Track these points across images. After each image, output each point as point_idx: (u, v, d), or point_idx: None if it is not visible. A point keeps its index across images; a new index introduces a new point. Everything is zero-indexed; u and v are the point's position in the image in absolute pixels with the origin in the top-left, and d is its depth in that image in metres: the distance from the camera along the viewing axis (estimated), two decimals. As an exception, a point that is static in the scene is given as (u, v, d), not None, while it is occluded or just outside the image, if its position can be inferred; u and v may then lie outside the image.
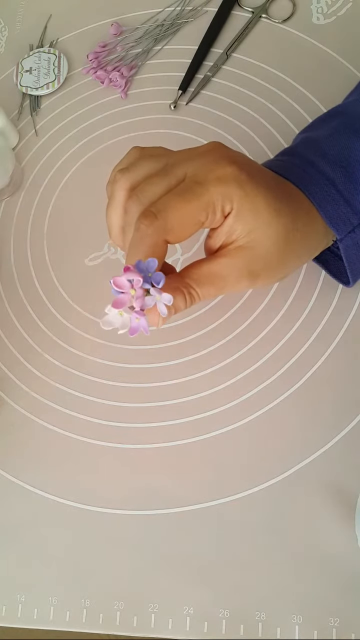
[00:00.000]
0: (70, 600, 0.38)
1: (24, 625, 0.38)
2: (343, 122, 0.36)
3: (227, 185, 0.30)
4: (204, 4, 0.53)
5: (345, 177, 0.33)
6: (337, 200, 0.33)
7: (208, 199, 0.30)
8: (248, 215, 0.31)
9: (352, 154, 0.34)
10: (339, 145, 0.34)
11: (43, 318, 0.45)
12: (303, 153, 0.35)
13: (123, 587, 0.38)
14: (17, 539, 0.40)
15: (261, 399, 0.40)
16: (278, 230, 0.31)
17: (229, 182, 0.30)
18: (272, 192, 0.31)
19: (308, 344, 0.41)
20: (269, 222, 0.31)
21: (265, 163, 0.36)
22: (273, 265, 0.33)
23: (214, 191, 0.30)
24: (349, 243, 0.34)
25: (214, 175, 0.30)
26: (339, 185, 0.33)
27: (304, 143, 0.36)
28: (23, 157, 0.51)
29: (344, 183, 0.33)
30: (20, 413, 0.43)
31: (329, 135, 0.35)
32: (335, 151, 0.34)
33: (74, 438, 0.42)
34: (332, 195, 0.33)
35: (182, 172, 0.31)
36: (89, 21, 0.54)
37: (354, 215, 0.33)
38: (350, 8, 0.50)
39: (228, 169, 0.30)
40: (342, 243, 0.34)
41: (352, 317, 0.41)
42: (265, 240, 0.31)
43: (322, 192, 0.33)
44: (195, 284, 0.32)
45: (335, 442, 0.38)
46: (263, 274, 0.33)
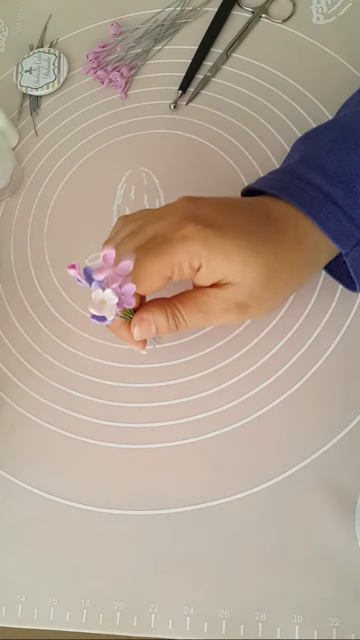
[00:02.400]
0: (70, 600, 0.38)
1: (24, 625, 0.38)
2: (340, 135, 0.36)
3: (191, 243, 0.31)
4: (204, 4, 0.53)
5: (345, 192, 0.33)
6: (338, 216, 0.33)
7: (173, 257, 0.31)
8: (219, 263, 0.32)
9: (351, 168, 0.34)
10: (337, 160, 0.34)
11: (43, 318, 0.45)
12: (301, 172, 0.35)
13: (123, 587, 0.38)
14: (17, 539, 0.40)
15: (261, 399, 0.40)
16: (258, 267, 0.32)
17: (194, 240, 0.31)
18: (245, 234, 0.32)
19: (308, 344, 0.41)
20: (246, 263, 0.32)
21: (262, 179, 0.37)
22: (261, 298, 0.33)
23: (179, 250, 0.31)
24: (355, 256, 0.34)
25: (179, 234, 0.31)
26: (340, 201, 0.33)
27: (302, 161, 0.36)
28: (23, 157, 0.51)
29: (344, 198, 0.33)
30: (20, 413, 0.43)
31: (326, 151, 0.35)
32: (334, 167, 0.34)
33: (74, 438, 0.42)
34: (334, 212, 0.33)
35: (151, 231, 0.33)
36: (89, 21, 0.54)
37: (357, 229, 0.33)
38: (350, 8, 0.50)
39: (191, 227, 0.31)
40: (348, 257, 0.34)
41: (352, 317, 0.41)
42: (246, 279, 0.32)
43: (323, 211, 0.33)
44: (181, 306, 0.33)
45: (335, 442, 0.38)
46: (252, 306, 0.33)
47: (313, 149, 0.36)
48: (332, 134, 0.36)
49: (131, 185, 0.48)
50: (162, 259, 0.31)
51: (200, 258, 0.31)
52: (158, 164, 0.48)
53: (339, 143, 0.35)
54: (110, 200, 0.48)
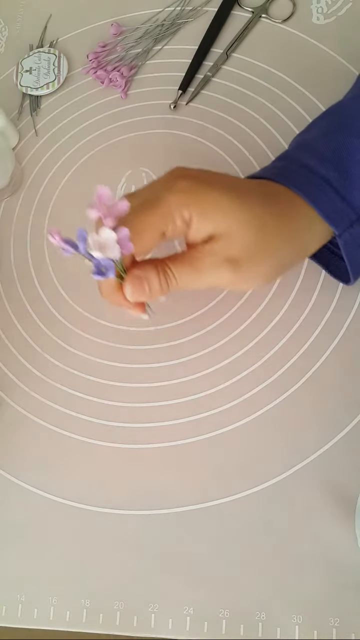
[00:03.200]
0: (70, 600, 0.38)
1: (24, 625, 0.38)
2: (334, 120, 0.36)
3: (181, 194, 0.32)
4: (204, 4, 0.53)
5: (340, 174, 0.34)
6: (332, 197, 0.33)
7: (164, 210, 0.32)
8: (209, 214, 0.32)
9: (345, 151, 0.34)
10: (331, 143, 0.35)
11: (43, 318, 0.45)
12: (296, 156, 0.35)
13: (123, 587, 0.38)
14: (17, 538, 0.40)
15: (261, 399, 0.40)
16: (247, 218, 0.32)
17: (183, 191, 0.32)
18: (232, 189, 0.33)
19: (308, 344, 0.41)
20: (233, 214, 0.32)
21: (261, 171, 0.37)
22: (253, 252, 0.33)
23: (169, 200, 0.32)
24: (348, 238, 0.34)
25: (168, 188, 0.32)
26: (334, 183, 0.33)
27: (297, 146, 0.37)
28: (23, 157, 0.51)
29: (339, 180, 0.33)
30: (20, 413, 0.43)
31: (321, 135, 0.36)
32: (328, 150, 0.34)
33: (74, 438, 0.42)
34: (328, 193, 0.33)
35: (145, 192, 0.33)
36: (89, 21, 0.54)
37: (352, 210, 0.34)
38: (350, 8, 0.50)
39: (182, 182, 0.32)
40: (341, 239, 0.34)
41: (352, 317, 0.41)
42: (236, 229, 0.32)
43: (317, 191, 0.33)
44: (172, 263, 0.33)
45: (335, 442, 0.38)
46: (243, 262, 0.33)
47: (308, 136, 0.37)
48: (326, 120, 0.37)
49: (131, 185, 0.48)
50: (155, 212, 0.32)
51: (190, 208, 0.32)
52: (158, 164, 0.48)
53: (333, 128, 0.36)
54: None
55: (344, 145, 0.34)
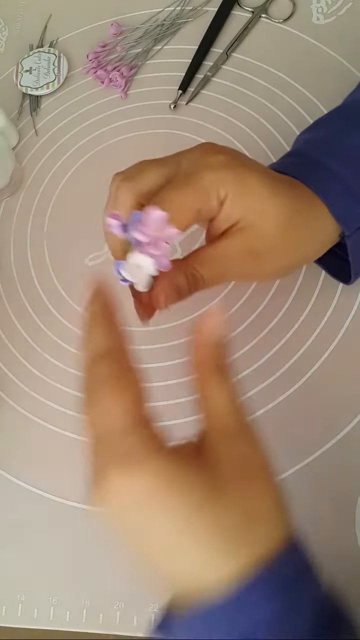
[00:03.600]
0: (70, 600, 0.38)
1: (24, 625, 0.38)
2: (347, 120, 0.36)
3: (218, 171, 0.30)
4: (204, 4, 0.53)
5: (354, 174, 0.33)
6: (345, 197, 0.33)
7: (202, 186, 0.30)
8: (243, 196, 0.31)
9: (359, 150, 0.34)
10: (345, 143, 0.34)
11: (43, 318, 0.45)
12: (309, 153, 0.35)
13: (123, 587, 0.38)
14: (17, 538, 0.40)
15: (261, 399, 0.40)
16: (277, 208, 0.31)
17: (221, 168, 0.31)
18: (267, 175, 0.32)
19: (308, 344, 0.41)
20: (266, 200, 0.31)
21: (270, 166, 0.36)
22: (275, 245, 0.32)
23: (207, 178, 0.30)
24: (357, 239, 0.34)
25: (205, 164, 0.31)
26: (348, 182, 0.33)
27: (309, 143, 0.36)
28: (23, 157, 0.51)
29: (353, 179, 0.33)
30: (20, 413, 0.43)
31: (334, 134, 0.35)
32: (342, 149, 0.34)
33: (74, 438, 0.42)
34: (341, 192, 0.33)
35: (174, 161, 0.32)
36: (89, 21, 0.54)
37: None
38: (350, 8, 0.50)
39: (219, 156, 0.31)
40: (349, 240, 0.34)
41: (352, 317, 0.41)
42: (264, 218, 0.31)
43: (331, 189, 0.33)
44: (199, 265, 0.32)
45: (335, 442, 0.38)
46: (267, 254, 0.32)
47: (321, 134, 0.36)
48: (340, 118, 0.37)
49: (131, 185, 0.48)
50: (192, 191, 0.30)
51: (227, 186, 0.30)
52: (158, 164, 0.48)
53: (347, 126, 0.35)
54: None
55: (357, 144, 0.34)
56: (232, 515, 0.23)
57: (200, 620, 0.23)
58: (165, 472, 0.23)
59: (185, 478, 0.23)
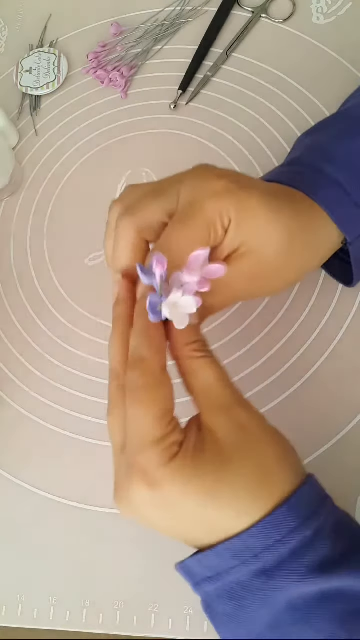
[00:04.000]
0: (70, 600, 0.38)
1: (24, 625, 0.38)
2: (348, 125, 0.36)
3: (220, 199, 0.30)
4: (204, 4, 0.53)
5: (354, 180, 0.33)
6: (347, 203, 0.33)
7: (207, 218, 0.30)
8: (246, 221, 0.30)
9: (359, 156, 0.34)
10: (345, 149, 0.34)
11: (43, 318, 0.45)
12: (309, 161, 0.35)
13: (123, 587, 0.38)
14: (17, 538, 0.40)
15: (261, 399, 0.40)
16: (278, 233, 0.31)
17: (222, 195, 0.30)
18: (268, 194, 0.31)
19: (308, 344, 0.41)
20: (270, 221, 0.31)
21: (269, 174, 0.36)
22: (279, 267, 0.32)
23: (210, 208, 0.30)
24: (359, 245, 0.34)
25: (206, 192, 0.30)
26: (348, 188, 0.33)
27: (309, 150, 0.36)
28: (23, 157, 0.51)
29: (353, 185, 0.33)
30: (20, 413, 0.43)
31: (334, 140, 0.35)
32: (342, 155, 0.34)
33: (74, 438, 0.42)
34: (342, 199, 0.33)
35: (174, 189, 0.31)
36: (89, 21, 0.54)
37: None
38: (350, 8, 0.50)
39: (219, 183, 0.30)
40: (352, 246, 0.34)
41: (352, 317, 0.41)
42: (268, 241, 0.31)
43: (332, 197, 0.33)
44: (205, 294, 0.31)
45: (335, 442, 0.38)
46: (272, 275, 0.32)
47: (320, 140, 0.36)
48: (340, 124, 0.37)
49: (131, 185, 0.48)
50: (199, 224, 0.30)
51: (230, 213, 0.30)
52: (158, 164, 0.48)
53: (347, 132, 0.35)
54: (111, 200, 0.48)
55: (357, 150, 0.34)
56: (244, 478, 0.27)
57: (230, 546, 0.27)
58: (181, 476, 0.27)
59: (196, 470, 0.27)
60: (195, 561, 0.29)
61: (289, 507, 0.27)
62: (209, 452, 0.27)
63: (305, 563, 0.27)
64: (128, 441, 0.28)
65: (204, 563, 0.29)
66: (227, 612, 0.29)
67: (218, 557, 0.28)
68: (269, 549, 0.27)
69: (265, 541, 0.27)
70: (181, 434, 0.28)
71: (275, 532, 0.27)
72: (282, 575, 0.27)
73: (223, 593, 0.28)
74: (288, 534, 0.27)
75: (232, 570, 0.27)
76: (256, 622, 0.28)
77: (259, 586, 0.27)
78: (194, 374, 0.29)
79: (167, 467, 0.27)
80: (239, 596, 0.28)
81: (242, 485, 0.27)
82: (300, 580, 0.26)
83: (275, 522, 0.27)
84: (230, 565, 0.28)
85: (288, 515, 0.27)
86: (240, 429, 0.28)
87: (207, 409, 0.29)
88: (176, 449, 0.27)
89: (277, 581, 0.27)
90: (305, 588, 0.27)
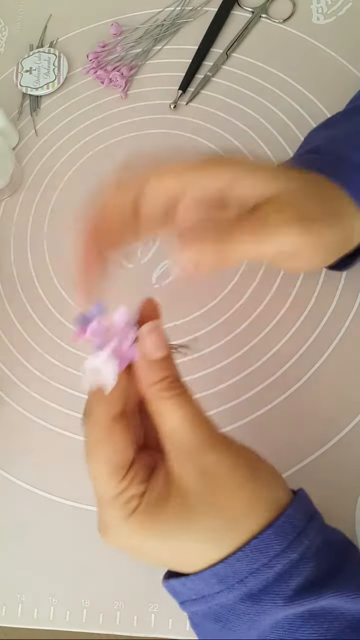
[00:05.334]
0: (70, 600, 0.38)
1: (24, 625, 0.38)
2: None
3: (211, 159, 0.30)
4: (204, 4, 0.53)
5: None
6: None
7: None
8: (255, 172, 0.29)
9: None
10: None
11: (43, 318, 0.45)
12: (331, 149, 0.34)
13: (123, 587, 0.38)
14: (17, 538, 0.40)
15: (261, 399, 0.40)
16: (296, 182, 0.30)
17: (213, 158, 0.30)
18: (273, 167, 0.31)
19: (308, 344, 0.41)
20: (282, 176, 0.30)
21: (289, 161, 0.36)
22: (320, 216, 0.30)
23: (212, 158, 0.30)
24: None
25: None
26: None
27: (329, 141, 0.35)
28: (23, 157, 0.51)
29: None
30: (20, 413, 0.43)
31: (355, 130, 0.35)
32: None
33: (74, 438, 0.42)
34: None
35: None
36: (89, 21, 0.54)
37: None
38: (350, 8, 0.50)
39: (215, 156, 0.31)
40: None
41: (352, 317, 0.41)
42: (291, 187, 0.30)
43: (355, 180, 0.32)
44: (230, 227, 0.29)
45: (335, 442, 0.38)
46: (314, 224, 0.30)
47: (339, 131, 0.36)
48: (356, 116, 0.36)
49: (131, 185, 0.48)
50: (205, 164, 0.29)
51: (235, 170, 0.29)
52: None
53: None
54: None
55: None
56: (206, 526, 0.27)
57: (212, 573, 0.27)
58: (141, 530, 0.27)
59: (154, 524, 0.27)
60: (179, 583, 0.28)
61: (274, 530, 0.27)
62: (173, 499, 0.27)
63: (291, 586, 0.26)
64: (97, 493, 0.28)
65: (188, 586, 0.28)
66: (215, 631, 0.28)
67: (203, 582, 0.27)
68: (254, 572, 0.26)
69: (251, 565, 0.26)
70: (141, 485, 0.27)
71: (262, 555, 0.26)
72: (268, 599, 0.26)
73: (209, 614, 0.28)
74: (274, 557, 0.26)
75: (217, 595, 0.27)
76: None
77: (245, 610, 0.27)
78: (160, 416, 0.28)
79: (127, 523, 0.27)
80: (225, 618, 0.27)
81: (203, 533, 0.27)
82: (286, 603, 0.26)
83: (261, 546, 0.26)
84: (215, 590, 0.27)
85: (274, 538, 0.26)
86: (204, 475, 0.27)
87: (173, 454, 0.28)
88: (135, 503, 0.27)
89: (262, 605, 0.26)
90: (291, 610, 0.26)
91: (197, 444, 0.27)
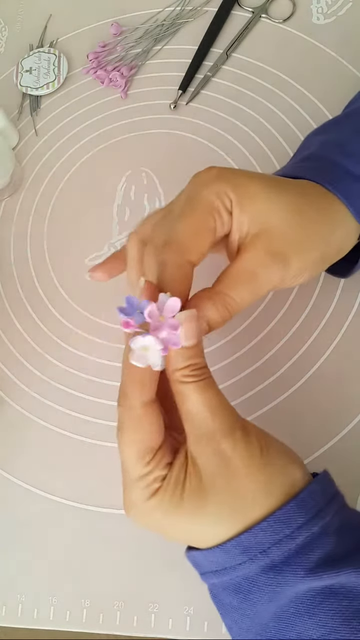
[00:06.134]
0: (70, 600, 0.38)
1: (24, 625, 0.38)
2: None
3: (214, 182, 0.31)
4: (204, 4, 0.53)
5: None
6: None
7: (206, 203, 0.30)
8: (248, 199, 0.30)
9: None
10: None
11: (43, 318, 0.45)
12: (325, 156, 0.35)
13: (123, 587, 0.38)
14: (17, 539, 0.40)
15: (261, 399, 0.40)
16: (285, 203, 0.31)
17: (216, 180, 0.31)
18: (268, 177, 0.32)
19: (308, 344, 0.41)
20: (272, 199, 0.31)
21: (283, 169, 0.36)
22: (295, 240, 0.31)
23: (207, 193, 0.30)
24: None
25: (200, 183, 0.31)
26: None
27: (324, 146, 0.36)
28: (23, 157, 0.51)
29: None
30: (20, 413, 0.43)
31: (350, 136, 0.35)
32: (358, 150, 0.34)
33: (74, 438, 0.42)
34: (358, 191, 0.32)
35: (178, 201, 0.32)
36: (89, 21, 0.54)
37: None
38: (350, 8, 0.50)
39: (210, 172, 0.31)
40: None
41: (352, 317, 0.41)
42: (275, 217, 0.31)
43: (351, 189, 0.32)
44: (227, 289, 0.31)
45: (335, 442, 0.38)
46: (291, 252, 0.31)
47: (335, 137, 0.36)
48: (354, 121, 0.36)
49: (131, 185, 0.48)
50: (198, 210, 0.30)
51: (229, 194, 0.30)
52: (158, 164, 0.48)
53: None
54: (111, 200, 0.48)
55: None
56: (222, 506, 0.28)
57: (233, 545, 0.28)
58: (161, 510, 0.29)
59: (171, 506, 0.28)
60: (201, 555, 0.29)
61: (297, 503, 0.28)
62: (190, 480, 0.28)
63: (312, 558, 0.27)
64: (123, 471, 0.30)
65: (209, 558, 0.29)
66: (233, 604, 0.29)
67: (225, 554, 0.28)
68: (277, 543, 0.27)
69: (274, 536, 0.27)
70: (164, 469, 0.29)
71: (285, 526, 0.27)
72: (290, 570, 0.27)
73: (229, 586, 0.29)
74: (297, 529, 0.27)
75: (239, 567, 0.28)
76: (261, 614, 0.28)
77: (266, 581, 0.27)
78: (182, 399, 0.29)
79: (148, 503, 0.29)
80: (246, 590, 0.28)
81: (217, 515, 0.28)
82: (307, 575, 0.27)
83: (284, 517, 0.27)
84: (237, 562, 0.28)
85: (297, 510, 0.27)
86: (220, 459, 0.28)
87: (192, 437, 0.29)
88: (157, 485, 0.29)
89: (284, 576, 0.27)
90: (312, 583, 0.27)
91: (215, 429, 0.28)
